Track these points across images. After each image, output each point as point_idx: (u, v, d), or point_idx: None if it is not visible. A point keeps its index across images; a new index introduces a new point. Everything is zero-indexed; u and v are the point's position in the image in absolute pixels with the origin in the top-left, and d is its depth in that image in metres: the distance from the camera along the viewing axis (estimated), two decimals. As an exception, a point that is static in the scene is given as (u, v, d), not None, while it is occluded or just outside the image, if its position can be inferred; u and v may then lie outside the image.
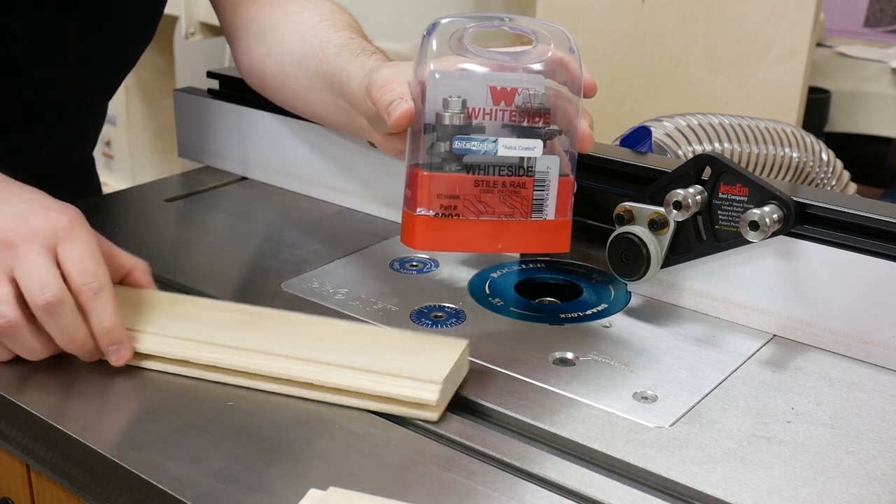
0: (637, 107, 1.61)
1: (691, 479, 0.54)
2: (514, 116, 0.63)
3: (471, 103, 0.62)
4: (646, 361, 0.67)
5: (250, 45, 0.89)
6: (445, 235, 0.63)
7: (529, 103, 0.63)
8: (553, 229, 0.66)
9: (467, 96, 0.62)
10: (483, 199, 0.63)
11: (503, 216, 0.64)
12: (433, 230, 0.63)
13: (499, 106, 0.63)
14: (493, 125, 0.63)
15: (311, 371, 0.60)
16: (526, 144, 0.63)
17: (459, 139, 0.62)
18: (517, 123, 0.63)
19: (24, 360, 0.64)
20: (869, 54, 2.01)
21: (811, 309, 0.69)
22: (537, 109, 0.63)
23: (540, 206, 0.65)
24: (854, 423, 0.61)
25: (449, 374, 0.59)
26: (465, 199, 0.63)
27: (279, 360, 0.61)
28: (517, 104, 0.63)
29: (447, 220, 0.63)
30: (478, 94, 0.62)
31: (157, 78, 2.24)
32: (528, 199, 0.64)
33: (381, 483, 0.54)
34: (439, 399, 0.58)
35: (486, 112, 0.63)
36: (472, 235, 0.64)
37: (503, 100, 0.63)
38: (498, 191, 0.63)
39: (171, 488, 0.52)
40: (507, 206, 0.64)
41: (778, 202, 0.67)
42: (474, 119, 0.62)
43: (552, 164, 0.64)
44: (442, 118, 0.62)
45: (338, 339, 0.63)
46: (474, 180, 0.63)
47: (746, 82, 1.51)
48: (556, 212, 0.66)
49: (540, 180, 0.64)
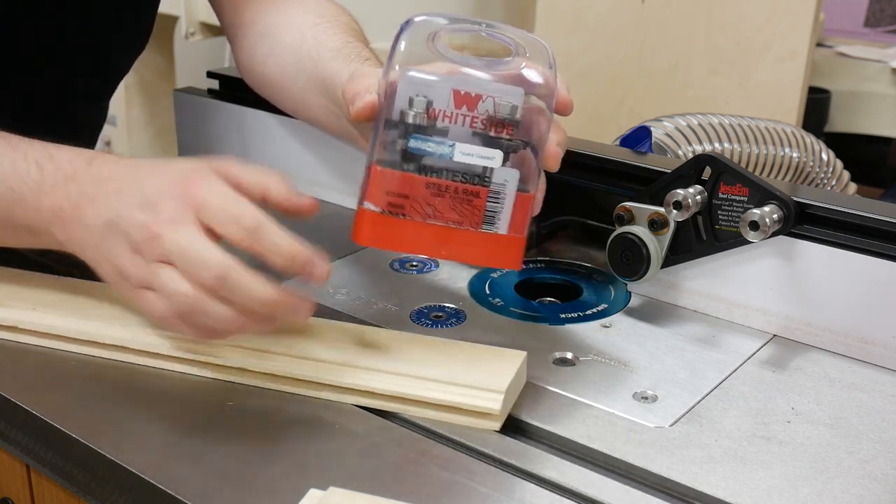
0: (637, 107, 1.61)
1: (691, 479, 0.54)
2: (475, 122, 0.61)
3: (437, 105, 0.61)
4: (646, 361, 0.67)
5: (251, 47, 0.89)
6: (391, 234, 0.61)
7: (494, 112, 0.61)
8: (504, 244, 0.62)
9: (434, 98, 0.61)
10: (432, 202, 0.61)
11: (452, 223, 0.62)
12: (378, 226, 0.61)
13: (460, 110, 0.61)
14: (461, 131, 0.61)
15: (373, 381, 0.60)
16: (484, 153, 0.61)
17: (416, 138, 0.61)
18: (481, 131, 0.61)
19: (24, 360, 0.64)
20: (869, 54, 2.01)
21: (811, 309, 0.69)
22: (501, 119, 0.61)
23: (492, 219, 0.62)
24: (854, 423, 0.61)
25: (510, 383, 0.59)
26: (413, 200, 0.61)
27: (341, 369, 0.61)
28: (480, 111, 0.61)
29: (393, 218, 0.61)
30: (444, 97, 0.61)
31: (157, 78, 2.24)
32: (481, 209, 0.62)
33: (381, 483, 0.54)
34: (502, 408, 0.58)
35: (446, 115, 0.61)
36: (418, 237, 0.62)
37: (465, 104, 0.61)
38: (450, 196, 0.61)
39: (171, 488, 0.52)
40: (458, 213, 0.62)
41: (778, 202, 0.67)
42: (439, 122, 0.61)
43: (510, 177, 0.61)
44: (404, 116, 0.61)
45: (398, 349, 0.63)
46: (426, 182, 0.61)
47: (746, 82, 1.51)
48: (509, 227, 0.62)
49: (495, 192, 0.62)
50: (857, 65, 1.98)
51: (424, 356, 0.62)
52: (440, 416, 0.59)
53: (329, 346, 0.63)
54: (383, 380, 0.60)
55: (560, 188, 0.85)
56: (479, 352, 0.63)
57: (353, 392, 0.61)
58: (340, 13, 0.87)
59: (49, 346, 0.66)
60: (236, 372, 0.62)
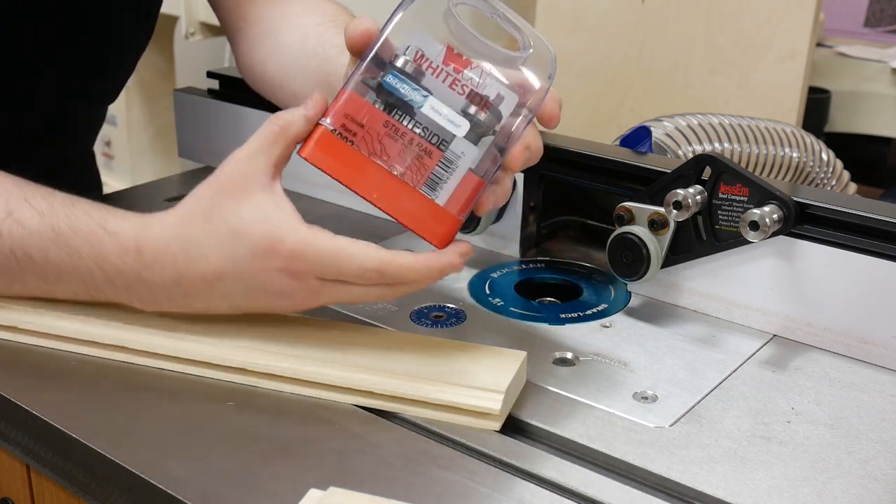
0: (637, 107, 1.60)
1: (691, 479, 0.54)
2: (455, 86, 0.60)
3: (427, 55, 0.60)
4: (646, 361, 0.67)
5: (251, 46, 0.89)
6: (333, 157, 0.60)
7: (477, 85, 0.60)
8: (435, 215, 0.60)
9: (426, 50, 0.60)
10: (385, 142, 0.60)
11: (394, 170, 0.60)
12: (324, 145, 0.60)
13: (447, 67, 0.60)
14: (443, 91, 0.60)
15: (373, 381, 0.60)
16: (453, 118, 0.60)
17: (393, 76, 0.60)
18: (462, 100, 0.60)
19: (23, 361, 0.64)
20: (869, 54, 2.01)
21: (811, 309, 0.69)
22: (482, 96, 0.60)
23: (434, 185, 0.60)
24: (854, 423, 0.61)
25: (510, 383, 0.59)
26: (367, 132, 0.60)
27: (341, 369, 0.61)
28: (465, 78, 0.60)
29: (341, 142, 0.60)
30: (436, 51, 0.60)
31: (157, 78, 2.24)
32: (428, 169, 0.60)
33: (381, 483, 0.54)
34: (502, 408, 0.58)
35: (432, 67, 0.60)
36: (356, 171, 0.60)
37: (454, 63, 0.60)
38: (403, 144, 0.60)
39: (171, 488, 0.52)
40: (403, 164, 0.60)
41: (778, 202, 0.67)
42: (425, 75, 0.60)
43: (468, 151, 0.60)
44: (395, 60, 0.60)
45: (398, 349, 0.63)
46: (385, 120, 0.60)
47: (746, 82, 1.51)
48: (447, 201, 0.60)
49: (448, 160, 0.60)
50: (857, 65, 1.97)
51: (424, 356, 0.62)
52: (440, 416, 0.59)
53: (329, 346, 0.63)
54: (383, 380, 0.60)
55: (560, 188, 0.85)
56: (479, 352, 0.63)
57: (353, 392, 0.61)
58: (341, 12, 0.87)
59: (49, 346, 0.66)
60: (236, 372, 0.62)
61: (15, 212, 0.63)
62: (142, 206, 0.97)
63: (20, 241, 0.63)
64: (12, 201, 0.63)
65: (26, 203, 0.63)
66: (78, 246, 0.62)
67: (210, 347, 0.63)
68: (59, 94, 0.89)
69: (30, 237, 0.63)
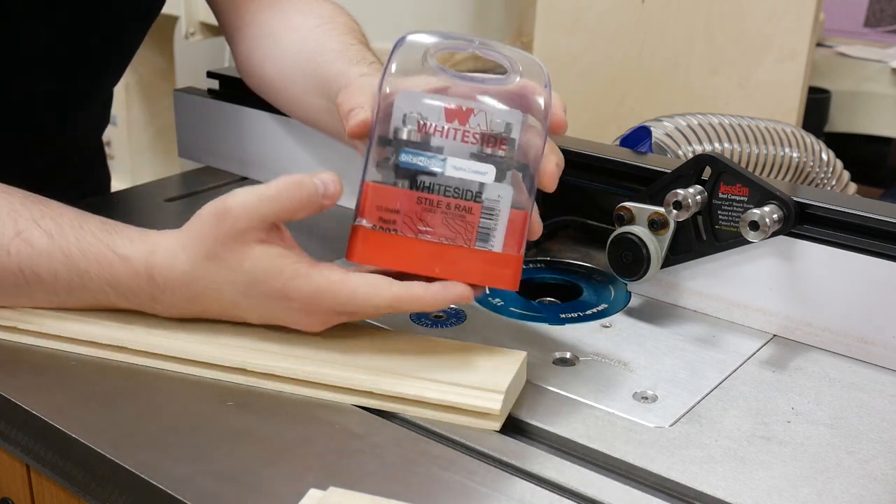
0: (637, 107, 1.61)
1: (691, 479, 0.54)
2: (466, 137, 0.60)
3: (428, 120, 0.60)
4: (646, 361, 0.67)
5: (250, 48, 0.89)
6: (382, 250, 0.61)
7: (486, 127, 0.60)
8: (498, 263, 0.61)
9: (425, 114, 0.60)
10: (424, 217, 0.60)
11: (444, 239, 0.61)
12: (370, 243, 0.61)
13: (452, 125, 0.60)
14: (456, 147, 0.61)
15: (373, 381, 0.60)
16: (477, 168, 0.60)
17: (407, 153, 0.60)
18: (474, 146, 0.60)
19: (23, 361, 0.64)
20: (869, 54, 2.01)
21: (811, 309, 0.69)
22: (494, 135, 0.60)
23: (486, 236, 0.61)
24: (854, 423, 0.61)
25: (510, 383, 0.59)
26: (405, 215, 0.60)
27: (341, 369, 0.61)
28: (472, 125, 0.60)
29: (384, 234, 0.60)
30: (435, 112, 0.61)
31: (157, 78, 2.24)
32: (474, 225, 0.61)
33: (381, 483, 0.54)
34: (502, 408, 0.58)
35: (438, 129, 0.60)
36: (410, 254, 0.61)
37: (457, 119, 0.60)
38: (441, 211, 0.60)
39: (171, 488, 0.52)
40: (450, 229, 0.61)
41: (778, 202, 0.67)
42: (431, 137, 0.60)
43: (504, 193, 0.60)
44: (396, 132, 0.60)
45: (398, 349, 0.63)
46: (417, 197, 0.60)
47: (746, 82, 1.51)
48: (504, 245, 0.61)
49: (489, 208, 0.61)
50: (857, 65, 1.98)
51: (424, 356, 0.62)
52: (440, 416, 0.59)
53: (329, 346, 0.63)
54: (383, 380, 0.60)
55: (560, 188, 0.85)
56: (479, 352, 0.63)
57: (353, 392, 0.61)
58: (339, 14, 0.87)
59: (49, 346, 0.66)
60: (236, 372, 0.62)
61: (23, 231, 0.64)
62: (142, 206, 0.97)
63: (29, 260, 0.63)
64: (20, 221, 0.64)
65: (34, 223, 0.64)
66: (88, 268, 0.63)
67: (210, 347, 0.63)
68: (59, 94, 0.89)
69: (38, 257, 0.63)
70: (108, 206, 0.98)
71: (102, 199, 1.02)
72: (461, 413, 0.59)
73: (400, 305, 0.60)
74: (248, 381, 0.62)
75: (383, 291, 0.59)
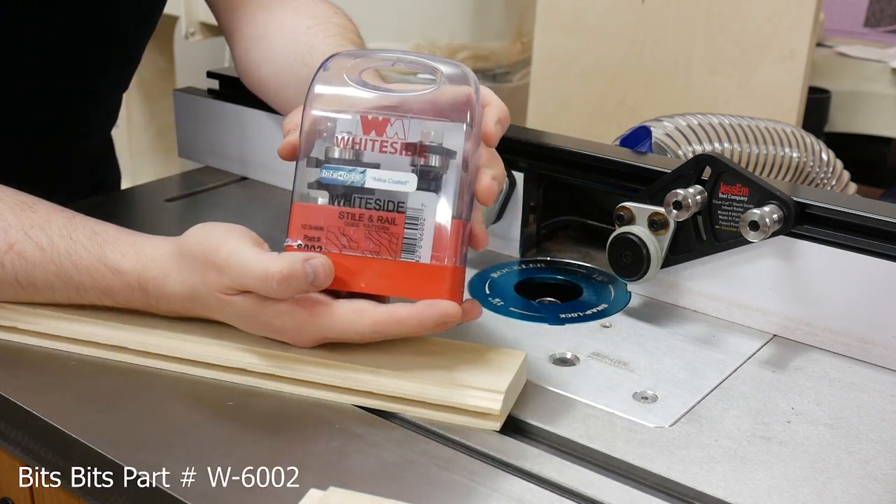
0: (637, 107, 1.60)
1: (691, 479, 0.54)
2: (385, 147, 0.60)
3: (346, 134, 0.60)
4: (646, 361, 0.67)
5: (247, 49, 0.89)
6: None
7: (404, 135, 0.59)
8: (426, 274, 0.59)
9: (343, 128, 0.60)
10: (347, 232, 0.59)
11: (368, 253, 0.59)
12: None
13: (369, 136, 0.60)
14: (380, 159, 0.60)
15: (373, 381, 0.60)
16: (398, 177, 0.59)
17: (328, 168, 0.60)
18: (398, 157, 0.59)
19: (23, 361, 0.64)
20: (869, 54, 2.01)
21: (811, 309, 0.69)
22: (414, 143, 0.59)
23: (411, 247, 0.59)
24: (854, 423, 0.61)
25: (510, 383, 0.59)
26: (328, 231, 0.60)
27: (341, 369, 0.61)
28: (388, 135, 0.60)
29: (311, 252, 0.59)
30: (353, 125, 0.60)
31: (157, 78, 2.24)
32: (398, 237, 0.59)
33: (381, 483, 0.54)
34: (502, 408, 0.58)
35: (356, 142, 0.60)
36: (339, 270, 0.59)
37: (374, 129, 0.60)
38: (364, 225, 0.59)
39: (170, 488, 0.52)
40: (374, 242, 0.59)
41: (778, 202, 0.67)
42: (354, 151, 0.60)
43: (428, 201, 0.59)
44: (321, 151, 0.60)
45: (398, 349, 0.63)
46: (339, 212, 0.60)
47: (746, 82, 1.51)
48: (431, 256, 0.59)
49: (412, 218, 0.59)
50: (857, 65, 1.97)
51: (424, 356, 0.62)
52: (440, 416, 0.59)
53: (329, 346, 0.63)
54: (383, 380, 0.60)
55: (560, 188, 0.85)
56: (479, 352, 0.63)
57: (353, 392, 0.61)
58: (333, 14, 0.87)
59: (49, 346, 0.66)
60: (236, 372, 0.62)
61: (16, 244, 0.64)
62: (142, 206, 0.97)
63: (24, 271, 0.64)
64: (11, 232, 0.64)
65: (25, 235, 0.64)
66: (81, 280, 0.64)
67: (210, 347, 0.63)
68: (59, 95, 0.89)
69: (33, 269, 0.64)
70: (108, 206, 0.98)
71: (103, 198, 1.02)
72: (461, 413, 0.59)
73: (383, 330, 0.59)
74: (248, 381, 0.62)
75: (366, 318, 0.59)
